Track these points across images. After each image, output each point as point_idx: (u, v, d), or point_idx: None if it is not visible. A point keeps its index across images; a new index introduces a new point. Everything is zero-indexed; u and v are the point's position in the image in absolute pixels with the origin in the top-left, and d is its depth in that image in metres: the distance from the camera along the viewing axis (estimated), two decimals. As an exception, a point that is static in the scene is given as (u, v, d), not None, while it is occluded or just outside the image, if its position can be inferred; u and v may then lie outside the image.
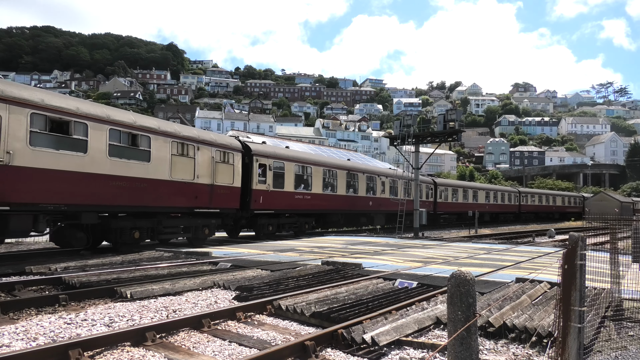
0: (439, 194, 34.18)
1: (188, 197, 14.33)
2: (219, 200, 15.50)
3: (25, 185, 10.04)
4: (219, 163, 15.46)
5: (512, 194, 47.51)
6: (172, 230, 14.49)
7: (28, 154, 10.04)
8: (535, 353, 4.79)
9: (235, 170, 16.30)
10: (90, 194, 11.40)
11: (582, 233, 3.76)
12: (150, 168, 12.97)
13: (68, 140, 10.93)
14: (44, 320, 5.62)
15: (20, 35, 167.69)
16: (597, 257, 6.19)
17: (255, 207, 17.45)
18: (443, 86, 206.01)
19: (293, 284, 7.96)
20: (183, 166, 14.10)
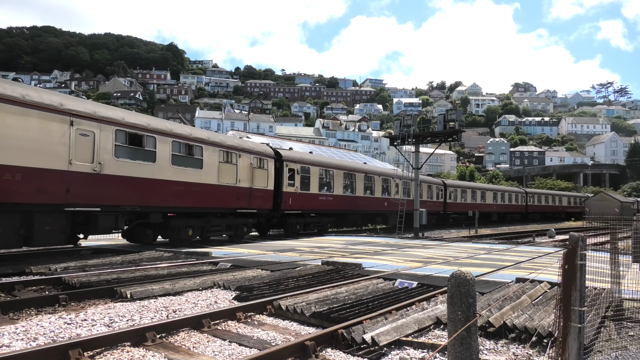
0: (449, 195, 35.65)
1: (232, 199, 16.20)
2: (256, 201, 17.38)
3: (111, 190, 12.01)
4: (255, 168, 17.39)
5: (519, 194, 48.64)
6: (218, 229, 16.32)
7: (113, 164, 12.07)
8: (536, 353, 4.78)
9: (269, 174, 18.16)
10: (157, 197, 13.36)
11: (582, 233, 3.76)
12: (202, 174, 14.91)
13: (141, 151, 12.94)
14: (44, 320, 5.62)
15: (20, 35, 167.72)
16: (597, 257, 6.19)
17: (285, 208, 19.15)
18: (443, 86, 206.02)
19: (293, 284, 7.95)
20: (228, 172, 15.99)
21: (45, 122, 10.50)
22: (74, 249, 13.27)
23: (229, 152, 16.07)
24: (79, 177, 11.23)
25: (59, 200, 10.85)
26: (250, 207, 17.08)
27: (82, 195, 11.36)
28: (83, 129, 11.38)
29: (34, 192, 10.33)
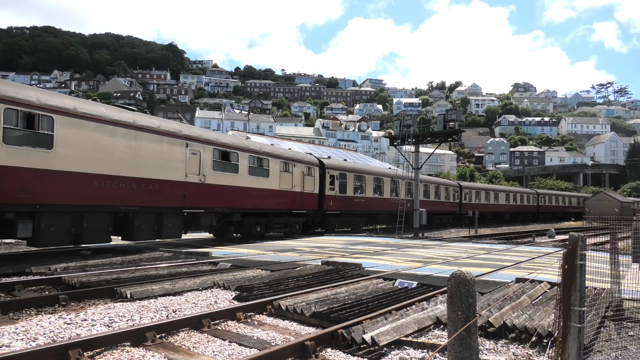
0: (464, 196, 38.06)
1: (288, 201, 19.28)
2: (305, 203, 20.42)
3: (210, 196, 15.17)
4: (305, 175, 20.43)
5: (530, 195, 50.84)
6: (278, 226, 19.52)
7: (212, 175, 15.27)
8: (535, 353, 4.79)
9: (315, 180, 21.24)
10: (238, 201, 16.52)
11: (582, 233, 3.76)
12: (268, 181, 18.06)
13: (229, 164, 16.11)
14: (44, 320, 5.62)
15: (20, 35, 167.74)
16: (597, 257, 6.19)
17: (327, 209, 22.19)
18: (443, 86, 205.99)
19: (293, 284, 7.95)
20: (286, 179, 19.07)
21: (171, 145, 13.78)
22: (74, 248, 13.28)
23: (286, 162, 19.23)
24: (191, 186, 14.47)
25: (179, 204, 14.10)
26: (302, 208, 20.25)
27: (193, 200, 14.56)
28: (193, 149, 14.60)
29: (165, 198, 13.57)
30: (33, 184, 10.31)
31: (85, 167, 11.39)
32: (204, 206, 14.97)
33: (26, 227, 10.40)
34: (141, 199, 12.82)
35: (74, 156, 11.12)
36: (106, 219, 12.06)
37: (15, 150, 9.99)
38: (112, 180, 12.02)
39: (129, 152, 12.46)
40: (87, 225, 11.54)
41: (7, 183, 9.88)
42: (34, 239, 10.65)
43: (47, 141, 10.62)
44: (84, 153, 11.34)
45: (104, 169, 11.83)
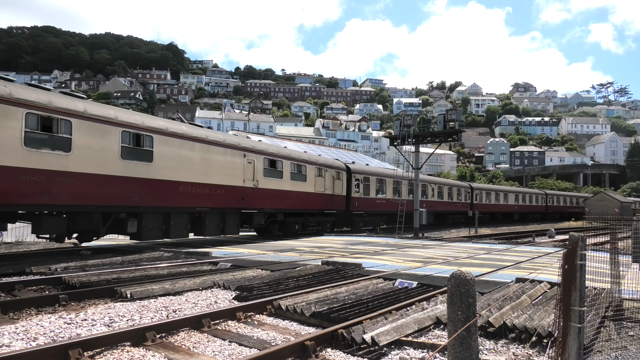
0: (475, 197, 39.91)
1: (321, 202, 21.72)
2: (335, 204, 22.89)
3: (261, 198, 17.65)
4: (335, 179, 22.91)
5: (539, 195, 52.77)
6: (312, 224, 21.89)
7: (263, 181, 17.67)
8: (535, 353, 4.79)
9: (343, 184, 23.62)
10: (282, 202, 18.82)
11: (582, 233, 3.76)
12: (306, 185, 20.42)
13: (276, 171, 18.53)
14: (44, 320, 5.62)
15: (20, 35, 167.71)
16: (597, 257, 6.19)
17: (353, 209, 24.36)
18: (443, 86, 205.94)
19: (293, 284, 7.95)
20: (319, 183, 21.46)
21: (233, 156, 16.28)
22: (74, 248, 13.27)
23: (320, 168, 21.65)
24: (247, 190, 16.91)
25: (238, 206, 16.60)
26: (332, 209, 22.73)
27: (249, 202, 17.02)
28: (249, 159, 17.08)
29: (229, 200, 16.06)
30: (139, 190, 12.76)
31: (173, 176, 13.86)
32: (257, 207, 17.59)
33: (133, 224, 13.03)
34: (211, 201, 15.32)
35: (166, 167, 13.60)
36: (186, 218, 14.68)
37: (128, 164, 12.46)
38: (191, 186, 14.53)
39: (203, 162, 14.97)
40: (173, 223, 14.10)
41: (123, 190, 12.29)
42: (138, 234, 13.28)
43: (149, 156, 13.12)
44: (172, 164, 13.85)
45: (186, 177, 14.29)
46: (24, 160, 10.05)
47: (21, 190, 10.05)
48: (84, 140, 11.37)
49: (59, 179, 10.77)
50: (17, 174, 9.93)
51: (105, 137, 11.91)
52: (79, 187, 11.22)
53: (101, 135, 11.81)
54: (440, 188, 34.41)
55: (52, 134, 10.75)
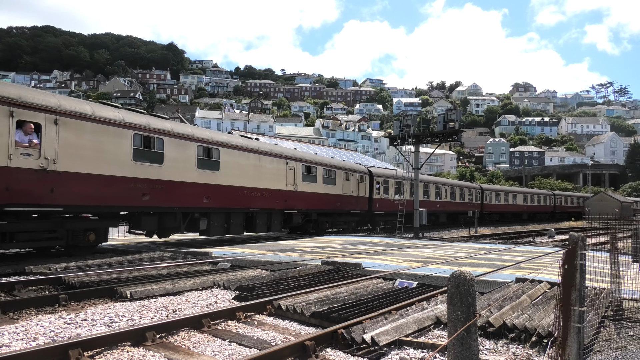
0: (485, 197, 41.69)
1: (348, 203, 23.72)
2: (359, 205, 24.85)
3: (300, 200, 19.90)
4: (359, 182, 24.91)
5: (547, 196, 54.63)
6: (340, 223, 23.88)
7: (301, 185, 20.04)
8: (535, 353, 4.79)
9: (366, 186, 25.68)
10: (316, 203, 21.09)
11: (582, 233, 3.76)
12: (335, 188, 22.60)
13: (311, 176, 20.73)
14: (44, 320, 5.62)
15: (20, 35, 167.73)
16: (597, 257, 6.18)
17: (375, 209, 26.38)
18: (443, 86, 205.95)
19: (293, 284, 7.95)
20: (347, 185, 23.58)
21: (278, 164, 18.65)
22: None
23: (347, 172, 23.80)
24: (289, 193, 19.17)
25: (281, 207, 18.81)
26: (357, 209, 24.69)
27: (290, 203, 19.24)
28: (290, 166, 19.37)
29: (275, 202, 18.31)
30: (209, 194, 15.10)
31: (233, 182, 16.18)
32: (296, 208, 19.74)
33: (204, 223, 15.37)
34: (261, 203, 17.56)
35: (228, 174, 15.90)
36: (242, 217, 17.03)
37: (202, 172, 14.78)
38: (247, 190, 16.81)
39: (255, 170, 17.30)
40: (233, 222, 16.46)
41: (198, 194, 14.67)
42: (207, 230, 15.53)
43: (216, 165, 15.44)
44: (233, 172, 16.16)
45: (243, 182, 16.63)
46: (132, 171, 12.55)
47: (130, 195, 12.49)
48: (172, 154, 13.74)
49: (154, 185, 13.18)
50: (129, 182, 12.41)
51: (186, 151, 14.28)
52: (167, 192, 13.60)
53: (183, 149, 14.18)
54: (453, 189, 36.57)
55: (151, 149, 13.15)
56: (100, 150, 11.74)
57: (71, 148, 11.06)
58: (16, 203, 10.03)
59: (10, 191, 9.88)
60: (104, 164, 11.82)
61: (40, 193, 10.43)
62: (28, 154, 10.23)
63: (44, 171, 10.47)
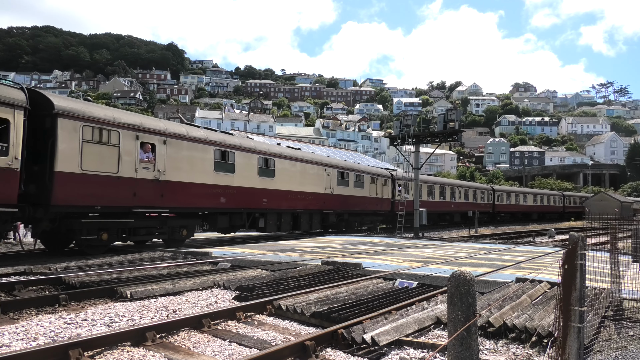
0: (497, 198, 43.90)
1: (373, 205, 26.20)
2: (384, 206, 27.35)
3: (335, 202, 22.66)
4: (384, 185, 27.59)
5: (556, 197, 57.11)
6: (367, 223, 26.50)
7: (336, 188, 22.72)
8: (536, 353, 4.79)
9: (389, 189, 28.30)
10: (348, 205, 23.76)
11: (582, 233, 3.76)
12: (364, 191, 25.31)
13: (344, 180, 23.49)
14: (44, 320, 5.62)
15: (20, 35, 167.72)
16: (597, 257, 6.18)
17: (396, 210, 27.68)
18: (443, 86, 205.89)
19: (293, 284, 7.95)
20: (373, 188, 26.09)
21: (318, 170, 21.51)
22: (73, 248, 13.26)
23: (373, 176, 26.48)
24: (327, 196, 22.01)
25: (320, 207, 21.57)
26: (381, 210, 27.10)
27: (327, 205, 22.05)
28: (328, 172, 22.25)
29: (315, 204, 21.13)
30: (266, 197, 17.94)
31: (285, 186, 18.92)
32: (332, 209, 22.50)
33: (262, 221, 18.07)
34: (305, 205, 20.27)
35: (281, 180, 18.71)
36: (290, 217, 19.77)
37: (262, 179, 17.70)
38: (294, 194, 19.55)
39: (300, 176, 20.05)
40: (283, 221, 19.17)
41: (258, 197, 17.48)
42: (264, 228, 18.27)
43: (272, 173, 18.29)
44: (284, 178, 18.92)
45: (291, 187, 19.37)
46: (213, 179, 15.44)
47: (211, 199, 15.38)
48: (240, 165, 16.63)
49: (228, 191, 15.99)
50: (211, 188, 15.33)
51: (250, 161, 17.17)
52: (237, 196, 16.43)
53: (248, 160, 17.07)
54: (467, 191, 39.23)
55: (226, 161, 15.97)
56: (192, 163, 14.64)
57: (174, 162, 13.97)
58: (139, 205, 12.90)
59: (136, 196, 12.75)
60: (195, 174, 14.70)
61: (154, 197, 13.33)
62: (147, 168, 13.11)
63: (157, 180, 13.40)
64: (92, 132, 11.74)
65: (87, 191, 11.58)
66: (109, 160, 12.09)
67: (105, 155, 12.01)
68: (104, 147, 12.03)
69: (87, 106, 12.05)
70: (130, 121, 12.80)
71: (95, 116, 11.88)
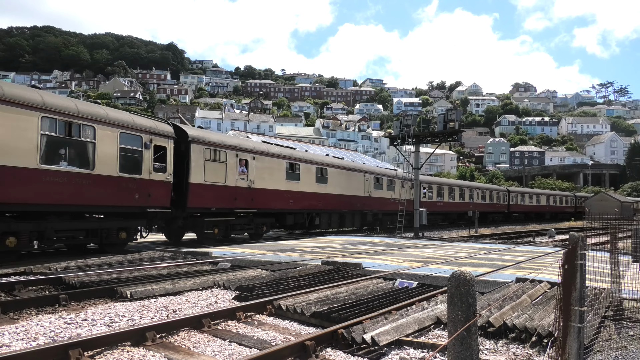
0: (511, 198, 46.62)
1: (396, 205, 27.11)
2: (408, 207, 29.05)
3: (372, 203, 26.01)
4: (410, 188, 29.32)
5: (569, 197, 60.51)
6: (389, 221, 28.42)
7: (373, 191, 26.12)
8: (536, 353, 4.79)
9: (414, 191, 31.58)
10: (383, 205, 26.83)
11: (582, 233, 3.76)
12: (394, 193, 28.06)
13: (379, 184, 26.92)
14: (44, 320, 5.61)
15: (20, 35, 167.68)
16: (597, 257, 6.18)
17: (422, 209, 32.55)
18: (443, 86, 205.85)
19: (293, 284, 7.95)
20: (402, 191, 28.04)
21: (358, 176, 25.14)
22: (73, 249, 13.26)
23: (402, 181, 28.63)
24: (366, 198, 25.45)
25: (361, 208, 25.10)
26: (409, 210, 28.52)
27: (366, 206, 25.45)
28: (366, 177, 25.78)
29: (356, 205, 24.72)
30: (321, 200, 21.68)
31: (335, 191, 22.79)
32: (370, 209, 25.75)
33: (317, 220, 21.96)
34: (349, 206, 23.99)
35: (332, 185, 22.59)
36: (337, 216, 23.50)
37: (318, 185, 21.47)
38: (341, 197, 23.29)
39: (346, 181, 23.82)
40: (332, 220, 22.92)
41: (315, 200, 21.30)
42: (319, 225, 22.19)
43: (326, 180, 22.15)
44: (335, 184, 22.82)
45: (340, 191, 23.15)
46: (285, 186, 19.39)
47: (284, 202, 19.30)
48: (303, 174, 20.49)
49: (295, 195, 19.89)
50: (283, 193, 19.22)
51: (310, 171, 20.99)
52: (301, 199, 20.24)
53: (308, 170, 20.92)
54: (484, 192, 42.45)
55: (294, 171, 19.90)
56: (271, 173, 18.60)
57: (259, 173, 17.88)
58: (238, 207, 16.95)
59: (236, 200, 16.74)
60: (273, 182, 18.60)
61: (248, 201, 17.32)
62: (243, 178, 17.05)
63: (249, 188, 17.34)
64: (210, 153, 15.68)
65: (207, 197, 15.51)
66: (220, 173, 16.00)
67: (217, 170, 15.90)
68: (217, 163, 15.89)
69: (206, 133, 16.65)
70: (232, 143, 17.08)
71: (211, 140, 15.96)
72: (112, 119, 12.21)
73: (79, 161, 11.37)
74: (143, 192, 12.92)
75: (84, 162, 11.47)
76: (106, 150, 11.92)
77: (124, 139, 12.48)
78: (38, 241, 11.28)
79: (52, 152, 10.79)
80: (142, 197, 12.93)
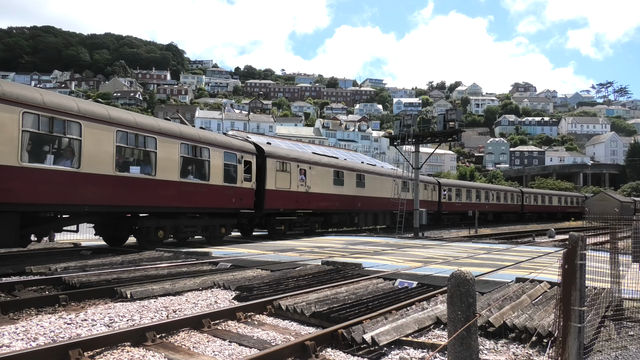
0: (525, 199, 49.34)
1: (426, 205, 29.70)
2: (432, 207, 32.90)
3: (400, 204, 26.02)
4: (432, 190, 33.83)
5: (579, 198, 63.77)
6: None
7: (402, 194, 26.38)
8: (536, 353, 4.79)
9: (437, 193, 34.85)
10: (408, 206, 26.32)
11: (582, 233, 3.76)
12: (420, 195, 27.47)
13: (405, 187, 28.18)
14: (44, 320, 5.61)
15: (20, 35, 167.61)
16: (597, 257, 6.19)
17: (442, 210, 35.40)
18: (443, 86, 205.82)
19: (293, 284, 7.95)
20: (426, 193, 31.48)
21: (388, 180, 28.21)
22: (73, 249, 13.27)
23: (426, 184, 32.25)
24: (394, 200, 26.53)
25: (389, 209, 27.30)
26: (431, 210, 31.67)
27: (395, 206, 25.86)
28: (396, 181, 28.13)
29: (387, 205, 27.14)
30: (359, 202, 25.03)
31: (370, 193, 26.04)
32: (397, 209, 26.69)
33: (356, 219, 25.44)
34: (381, 206, 27.05)
35: (368, 189, 25.86)
36: (372, 216, 26.65)
37: (357, 188, 24.76)
38: (375, 199, 26.48)
39: (378, 185, 26.94)
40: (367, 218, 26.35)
41: (354, 202, 24.49)
42: (357, 224, 25.85)
43: (364, 184, 25.40)
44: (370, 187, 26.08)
45: (374, 193, 26.35)
46: (333, 190, 22.77)
47: (331, 203, 22.66)
48: (347, 179, 23.94)
49: (340, 197, 23.25)
50: (331, 196, 22.60)
51: (351, 177, 24.47)
52: (345, 201, 23.65)
53: (350, 176, 24.29)
54: (499, 193, 45.06)
55: (339, 178, 23.32)
56: (323, 180, 22.01)
57: (314, 180, 21.28)
58: (299, 208, 20.30)
59: (297, 202, 20.06)
60: (324, 187, 22.06)
61: (306, 203, 20.68)
62: (302, 184, 20.40)
63: (307, 192, 20.66)
64: (279, 164, 19.11)
65: (277, 200, 18.89)
66: (286, 181, 19.37)
67: (284, 178, 19.31)
68: (284, 173, 19.33)
69: (276, 149, 19.84)
70: (294, 155, 20.53)
71: (280, 154, 19.49)
72: (219, 142, 16.02)
73: (199, 175, 14.99)
74: (237, 197, 16.54)
75: (203, 176, 15.09)
76: (216, 166, 15.63)
77: (226, 157, 16.14)
78: (173, 235, 14.50)
79: (186, 169, 14.46)
80: (237, 201, 16.57)
